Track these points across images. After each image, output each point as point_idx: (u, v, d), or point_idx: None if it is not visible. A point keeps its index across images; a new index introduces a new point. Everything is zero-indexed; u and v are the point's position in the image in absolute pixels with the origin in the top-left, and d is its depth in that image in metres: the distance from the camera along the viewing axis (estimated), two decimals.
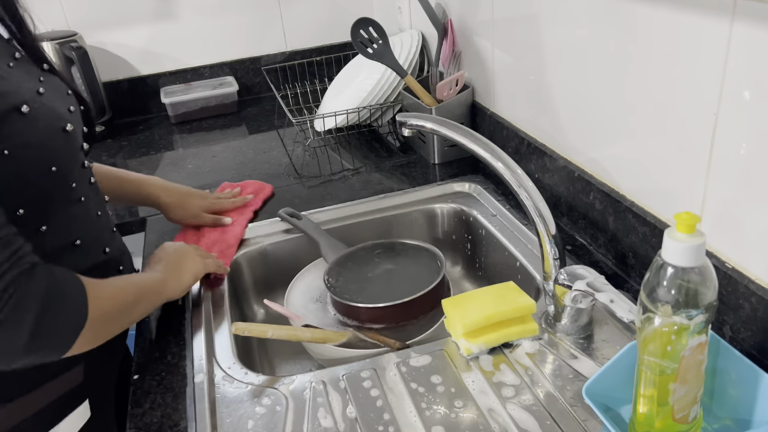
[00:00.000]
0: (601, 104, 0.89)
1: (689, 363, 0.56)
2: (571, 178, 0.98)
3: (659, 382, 0.57)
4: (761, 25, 0.60)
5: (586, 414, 0.68)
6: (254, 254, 1.08)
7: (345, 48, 1.77)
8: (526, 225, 1.03)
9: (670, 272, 0.53)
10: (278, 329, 0.82)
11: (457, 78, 1.25)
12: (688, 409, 0.58)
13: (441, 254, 0.98)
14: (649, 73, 0.77)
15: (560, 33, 0.94)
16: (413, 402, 0.72)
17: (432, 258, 0.99)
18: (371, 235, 1.15)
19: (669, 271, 0.53)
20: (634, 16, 0.77)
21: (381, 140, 1.45)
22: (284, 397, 0.74)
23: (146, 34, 1.71)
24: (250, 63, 1.81)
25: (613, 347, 0.76)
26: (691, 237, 0.52)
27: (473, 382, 0.74)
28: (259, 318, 1.10)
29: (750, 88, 0.63)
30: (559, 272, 0.77)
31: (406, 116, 0.86)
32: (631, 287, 0.86)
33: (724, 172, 0.69)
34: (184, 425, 0.71)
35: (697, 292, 0.53)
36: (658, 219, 0.81)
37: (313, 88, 1.71)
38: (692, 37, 0.69)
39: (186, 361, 0.81)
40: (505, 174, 0.78)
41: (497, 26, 1.13)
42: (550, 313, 0.81)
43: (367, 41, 1.31)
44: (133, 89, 1.74)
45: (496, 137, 1.20)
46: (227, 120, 1.70)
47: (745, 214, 0.68)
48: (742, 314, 0.69)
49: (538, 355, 0.77)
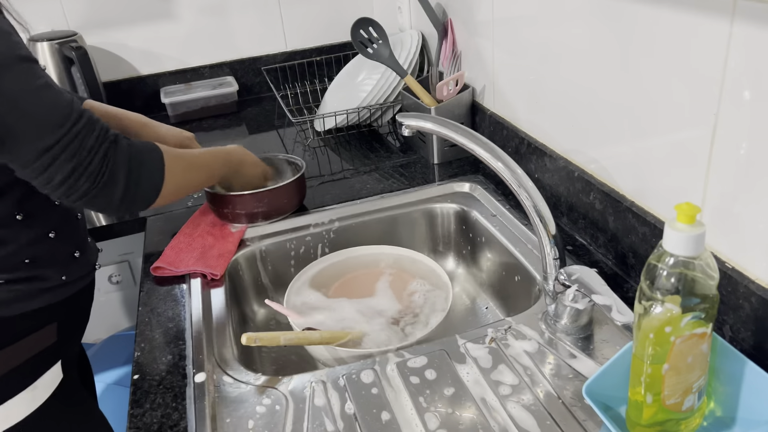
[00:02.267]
0: (601, 104, 0.89)
1: (681, 350, 0.56)
2: (571, 178, 0.98)
3: (652, 368, 0.58)
4: (761, 25, 0.60)
5: (586, 414, 0.68)
6: (254, 254, 1.08)
7: (345, 48, 1.77)
8: (526, 225, 1.03)
9: (669, 261, 0.55)
10: (289, 335, 0.82)
11: (457, 78, 1.25)
12: (681, 397, 0.59)
13: (302, 162, 1.15)
14: (649, 73, 0.77)
15: (560, 33, 0.94)
16: (413, 402, 0.72)
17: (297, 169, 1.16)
18: (371, 235, 1.15)
19: (668, 260, 0.55)
20: (635, 16, 0.77)
21: (381, 140, 1.45)
22: (284, 397, 0.74)
23: (146, 34, 1.71)
24: (250, 63, 1.81)
25: (613, 347, 0.76)
26: (691, 227, 0.53)
27: (473, 382, 0.74)
28: (259, 318, 1.10)
29: (750, 88, 0.63)
30: (559, 272, 0.77)
31: (406, 116, 0.86)
32: (630, 287, 0.86)
33: (724, 172, 0.69)
34: (184, 425, 0.71)
35: (695, 282, 0.55)
36: (658, 219, 0.81)
37: (313, 88, 1.71)
38: (692, 37, 0.69)
39: (186, 361, 0.81)
40: (505, 174, 0.78)
41: (497, 26, 1.13)
42: (550, 313, 0.81)
43: (367, 41, 1.31)
44: (133, 89, 1.74)
45: (496, 137, 1.20)
46: (227, 120, 1.70)
47: (746, 214, 0.68)
48: (742, 314, 0.69)
49: (538, 355, 0.77)
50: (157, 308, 0.92)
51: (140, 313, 0.92)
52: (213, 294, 0.95)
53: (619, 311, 0.68)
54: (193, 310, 0.91)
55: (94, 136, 0.75)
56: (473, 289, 1.15)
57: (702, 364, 0.59)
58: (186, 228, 1.10)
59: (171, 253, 1.03)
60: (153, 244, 1.09)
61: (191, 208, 1.18)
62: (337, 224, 1.13)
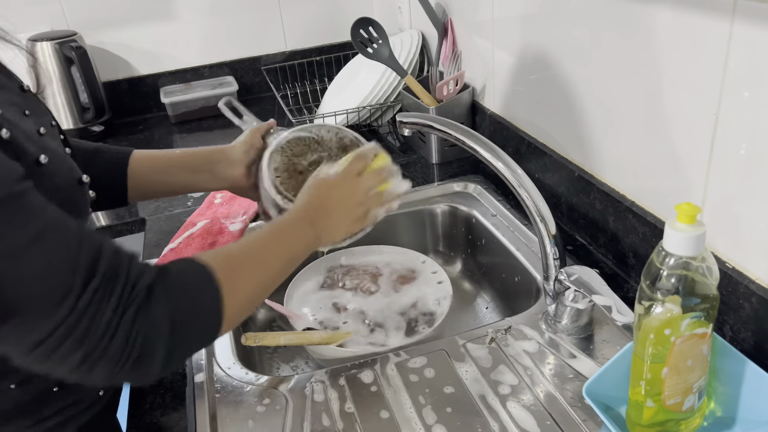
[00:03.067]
0: (601, 104, 0.88)
1: (682, 351, 0.56)
2: (571, 178, 0.98)
3: (652, 368, 0.58)
4: (761, 25, 0.60)
5: (586, 414, 0.67)
6: None
7: (345, 48, 1.77)
8: (526, 225, 1.03)
9: (669, 261, 0.55)
10: (289, 335, 0.82)
11: (457, 78, 1.24)
12: (681, 397, 0.59)
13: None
14: (649, 72, 0.77)
15: (560, 33, 0.94)
16: (412, 401, 0.72)
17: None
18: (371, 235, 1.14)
19: (669, 260, 0.55)
20: (635, 16, 0.77)
21: (381, 140, 1.45)
22: (284, 397, 0.74)
23: (146, 34, 1.71)
24: (250, 63, 1.81)
25: (613, 347, 0.76)
26: (692, 227, 0.53)
27: (473, 382, 0.74)
28: (259, 317, 1.10)
29: (750, 88, 0.63)
30: (559, 272, 0.77)
31: (406, 116, 0.86)
32: (631, 287, 0.86)
33: (725, 172, 0.69)
34: (183, 425, 0.71)
35: (695, 282, 0.55)
36: (658, 219, 0.81)
37: (313, 88, 1.71)
38: (692, 37, 0.69)
39: (186, 361, 0.81)
40: (506, 174, 0.78)
41: (497, 26, 1.13)
42: (550, 313, 0.81)
43: (367, 41, 1.31)
44: (133, 89, 1.74)
45: (496, 137, 1.20)
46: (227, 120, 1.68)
47: (746, 214, 0.68)
48: (742, 314, 0.69)
49: (538, 355, 0.77)
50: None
51: None
52: None
53: (619, 311, 0.68)
54: None
55: (114, 300, 0.51)
56: (473, 289, 1.15)
57: (702, 364, 0.59)
58: (186, 228, 1.10)
59: (171, 254, 1.03)
60: (153, 244, 1.09)
61: (191, 208, 1.18)
62: None
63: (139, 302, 0.52)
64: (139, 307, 0.52)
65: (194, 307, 0.56)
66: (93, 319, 0.49)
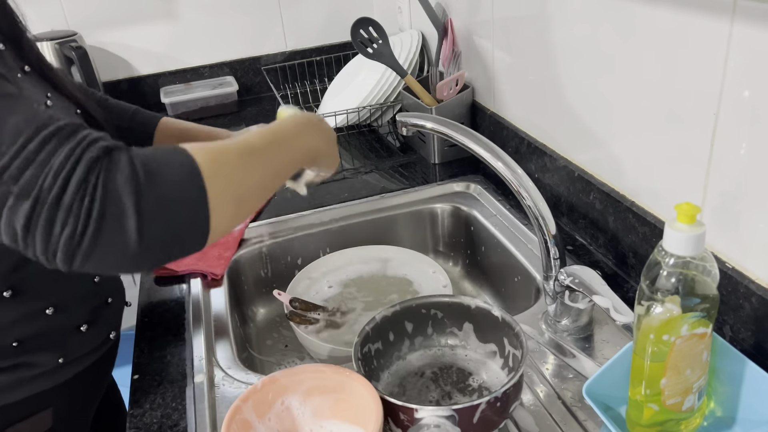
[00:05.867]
0: (601, 104, 0.88)
1: (682, 351, 0.56)
2: (571, 178, 0.98)
3: (651, 368, 0.58)
4: (761, 25, 0.60)
5: (586, 414, 0.68)
6: (254, 254, 1.08)
7: (345, 48, 1.77)
8: (526, 225, 1.03)
9: (669, 261, 0.55)
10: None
11: (457, 78, 1.24)
12: (681, 397, 0.59)
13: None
14: (649, 72, 0.77)
15: (560, 32, 0.94)
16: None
17: None
18: (371, 235, 1.15)
19: (668, 260, 0.55)
20: (635, 16, 0.77)
21: (381, 140, 1.45)
22: None
23: (146, 34, 1.71)
24: (250, 63, 1.81)
25: (613, 347, 0.76)
26: (692, 227, 0.53)
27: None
28: (259, 318, 1.10)
29: (750, 88, 0.63)
30: (559, 272, 0.77)
31: (406, 116, 0.86)
32: (631, 287, 0.86)
33: (725, 172, 0.69)
34: (184, 425, 0.71)
35: (695, 282, 0.55)
36: (658, 219, 0.81)
37: (313, 88, 1.71)
38: (692, 37, 0.69)
39: (186, 361, 0.81)
40: (505, 174, 0.78)
41: (497, 26, 1.13)
42: (550, 313, 0.81)
43: (367, 41, 1.31)
44: (133, 89, 1.74)
45: (496, 137, 1.20)
46: (227, 120, 1.70)
47: (746, 214, 0.68)
48: (742, 314, 0.69)
49: (538, 355, 0.77)
50: (157, 309, 0.92)
51: (140, 313, 0.92)
52: (213, 294, 0.95)
53: (619, 311, 0.68)
54: (193, 311, 0.91)
55: (68, 148, 0.47)
56: (473, 289, 1.15)
57: (702, 364, 0.59)
58: None
59: None
60: None
61: None
62: (337, 224, 1.13)
63: (98, 152, 0.47)
64: (98, 157, 0.47)
65: (167, 163, 0.50)
66: (42, 164, 0.46)
